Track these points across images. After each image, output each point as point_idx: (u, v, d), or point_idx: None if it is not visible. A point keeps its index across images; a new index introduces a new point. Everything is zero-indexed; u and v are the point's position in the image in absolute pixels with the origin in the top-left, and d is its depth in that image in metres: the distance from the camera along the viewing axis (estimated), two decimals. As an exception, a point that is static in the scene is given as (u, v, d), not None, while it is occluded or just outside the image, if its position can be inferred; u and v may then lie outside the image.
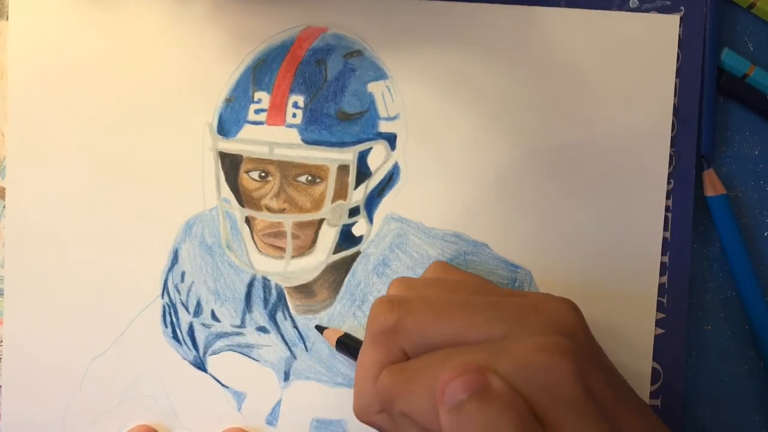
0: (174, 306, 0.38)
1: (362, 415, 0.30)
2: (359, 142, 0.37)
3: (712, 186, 0.38)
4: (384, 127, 0.37)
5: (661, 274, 0.38)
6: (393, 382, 0.27)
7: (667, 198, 0.38)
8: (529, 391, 0.25)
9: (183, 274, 0.38)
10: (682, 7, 0.37)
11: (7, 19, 0.37)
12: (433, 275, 0.34)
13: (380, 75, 0.37)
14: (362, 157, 0.37)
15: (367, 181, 0.38)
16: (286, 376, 0.38)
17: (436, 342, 0.28)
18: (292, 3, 0.37)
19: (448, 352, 0.27)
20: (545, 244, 0.37)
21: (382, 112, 0.37)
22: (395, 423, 0.28)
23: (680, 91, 0.38)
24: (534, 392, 0.25)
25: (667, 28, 0.37)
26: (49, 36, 0.37)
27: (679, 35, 0.37)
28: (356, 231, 0.38)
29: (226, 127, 0.37)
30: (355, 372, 0.30)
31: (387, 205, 0.38)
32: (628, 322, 0.38)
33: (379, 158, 0.38)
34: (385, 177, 0.38)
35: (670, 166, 0.38)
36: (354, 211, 0.38)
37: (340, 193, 0.38)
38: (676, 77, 0.38)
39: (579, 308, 0.29)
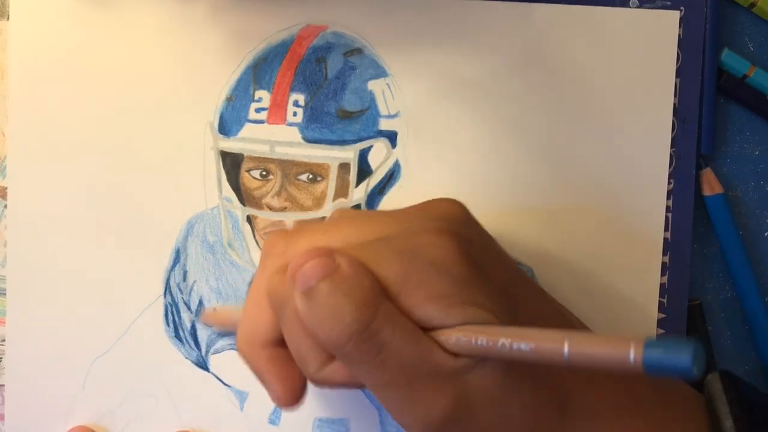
0: (176, 305, 0.38)
1: (245, 345, 0.29)
2: (360, 140, 0.37)
3: (710, 185, 0.38)
4: (384, 124, 0.38)
5: (661, 274, 0.38)
6: (281, 280, 0.26)
7: (667, 198, 0.38)
8: (410, 268, 0.25)
9: (185, 273, 0.38)
10: (682, 7, 0.37)
11: (8, 19, 0.37)
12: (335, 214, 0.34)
13: (380, 73, 0.38)
14: (363, 155, 0.38)
15: (368, 179, 0.38)
16: (289, 375, 0.38)
17: None
18: (291, 1, 0.37)
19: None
20: (546, 241, 0.37)
21: (382, 109, 0.37)
22: (286, 324, 0.27)
23: (680, 91, 0.38)
24: (420, 270, 0.25)
25: (667, 24, 0.37)
26: (49, 36, 0.37)
27: (679, 35, 0.37)
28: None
29: (226, 126, 0.37)
30: (245, 301, 0.29)
31: (388, 202, 0.38)
32: (630, 321, 0.37)
33: (379, 156, 0.38)
34: (386, 175, 0.38)
35: (670, 166, 0.38)
36: (355, 209, 0.38)
37: (341, 191, 0.38)
38: (676, 77, 0.38)
39: (465, 205, 0.30)
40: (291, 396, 0.28)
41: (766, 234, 0.39)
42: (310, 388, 0.38)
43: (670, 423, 0.29)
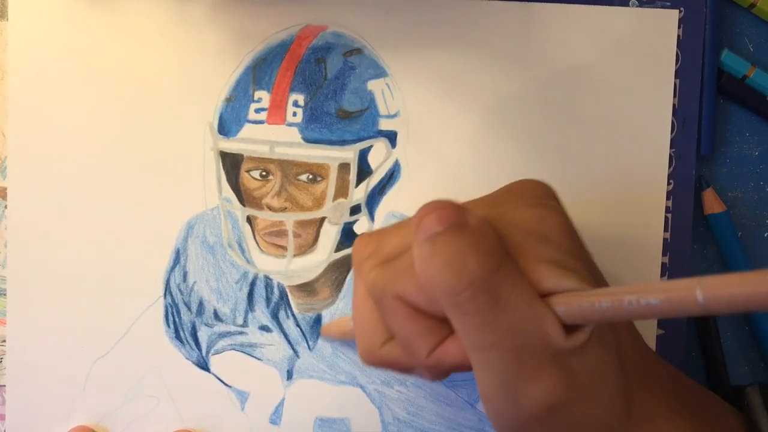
0: (176, 306, 0.38)
1: (368, 352, 0.28)
2: (360, 140, 0.37)
3: (711, 204, 0.38)
4: (384, 124, 0.38)
5: (661, 274, 0.38)
6: (381, 269, 0.26)
7: (667, 198, 0.38)
8: (532, 239, 0.25)
9: (185, 274, 0.38)
10: (681, 8, 0.37)
11: (8, 19, 0.37)
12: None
13: (380, 73, 0.38)
14: (363, 155, 0.37)
15: (368, 179, 0.38)
16: (289, 375, 0.38)
17: None
18: (291, 2, 0.37)
19: None
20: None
21: (382, 109, 0.37)
22: (390, 311, 0.26)
23: (680, 92, 0.38)
24: (538, 240, 0.25)
25: (666, 24, 0.37)
26: (49, 36, 0.37)
27: (679, 35, 0.37)
28: (358, 229, 0.38)
29: (226, 126, 0.37)
30: (352, 310, 0.29)
31: (388, 202, 0.38)
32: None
33: (379, 156, 0.38)
34: (386, 175, 0.38)
35: (670, 167, 0.38)
36: (355, 209, 0.38)
37: (341, 191, 0.38)
38: (676, 78, 0.38)
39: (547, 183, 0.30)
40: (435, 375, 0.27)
41: (765, 235, 0.39)
42: (311, 386, 0.38)
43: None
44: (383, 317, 0.27)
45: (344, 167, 0.37)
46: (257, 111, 0.37)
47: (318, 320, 0.38)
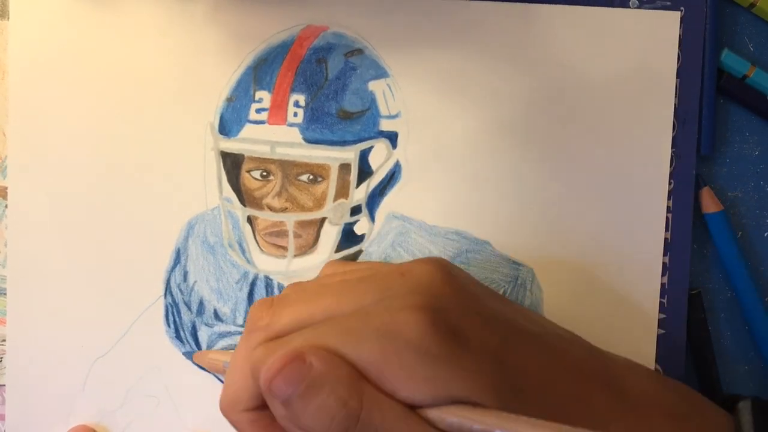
0: (177, 306, 0.38)
1: (228, 410, 0.29)
2: (360, 140, 0.37)
3: (708, 204, 0.38)
4: (385, 125, 0.38)
5: (662, 274, 0.38)
6: (265, 354, 0.27)
7: (667, 198, 0.38)
8: (393, 352, 0.25)
9: (185, 274, 0.38)
10: (682, 8, 0.37)
11: (8, 18, 0.37)
12: (326, 271, 0.34)
13: (381, 73, 0.37)
14: (364, 156, 0.37)
15: (368, 180, 0.38)
16: (289, 375, 0.38)
17: (309, 325, 0.28)
18: (292, 2, 0.37)
19: (315, 325, 0.27)
20: (547, 241, 0.37)
21: (383, 110, 0.37)
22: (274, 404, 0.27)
23: (680, 92, 0.38)
24: (399, 352, 0.25)
25: (667, 24, 0.37)
26: (50, 36, 0.37)
27: (679, 35, 0.37)
28: (358, 230, 0.38)
29: (227, 126, 0.37)
30: (230, 364, 0.30)
31: (389, 203, 0.38)
32: (630, 322, 0.38)
33: (380, 157, 0.38)
34: (386, 175, 0.38)
35: (670, 166, 0.38)
36: (356, 210, 0.38)
37: (342, 191, 0.38)
38: (676, 77, 0.38)
39: (448, 265, 0.29)
40: None
41: (765, 234, 0.39)
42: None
43: None
44: (258, 390, 0.28)
45: (345, 168, 0.37)
46: (258, 111, 0.37)
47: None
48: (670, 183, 0.38)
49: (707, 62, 0.38)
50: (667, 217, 0.38)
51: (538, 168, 0.38)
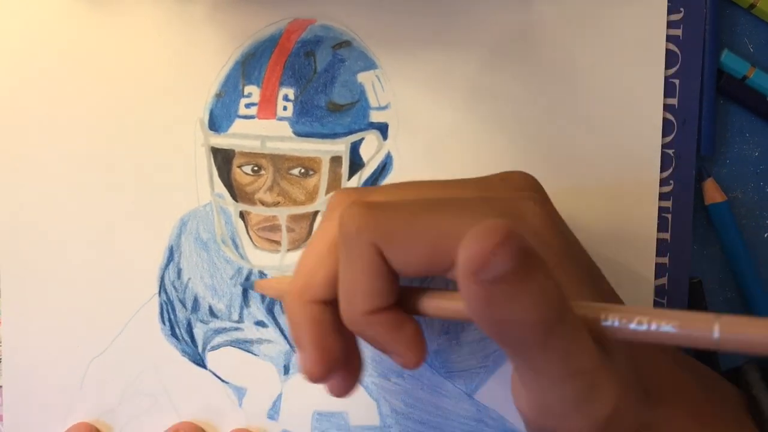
0: (171, 303, 0.38)
1: (294, 299, 0.26)
2: (351, 132, 0.37)
3: (712, 194, 0.38)
4: (375, 117, 0.37)
5: (662, 275, 0.38)
6: (367, 209, 0.24)
7: (667, 199, 0.38)
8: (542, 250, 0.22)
9: (179, 271, 0.38)
10: (681, 8, 0.37)
11: (-5, 21, 0.37)
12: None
13: (370, 65, 0.37)
14: (354, 148, 0.37)
15: (360, 172, 0.38)
16: (286, 370, 0.38)
17: (418, 236, 0.24)
18: (279, -4, 0.37)
19: (431, 200, 0.24)
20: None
21: (372, 102, 0.37)
22: (350, 257, 0.24)
23: (680, 92, 0.37)
24: (528, 237, 0.21)
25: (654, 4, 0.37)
26: (38, 32, 0.37)
27: (679, 36, 0.37)
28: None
29: (217, 122, 0.37)
30: (303, 251, 0.27)
31: (381, 195, 0.38)
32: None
33: (371, 148, 0.38)
34: (378, 167, 0.38)
35: (670, 167, 0.37)
36: (348, 202, 0.38)
37: (334, 184, 0.38)
38: (676, 77, 0.37)
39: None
40: (322, 367, 0.26)
41: (766, 235, 0.39)
42: (309, 386, 0.38)
43: (713, 409, 0.28)
44: (338, 257, 0.25)
45: (336, 160, 0.37)
46: (247, 106, 0.37)
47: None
48: (669, 183, 0.38)
49: (707, 63, 0.38)
50: (666, 218, 0.38)
51: (527, 158, 0.37)
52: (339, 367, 0.26)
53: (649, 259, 0.37)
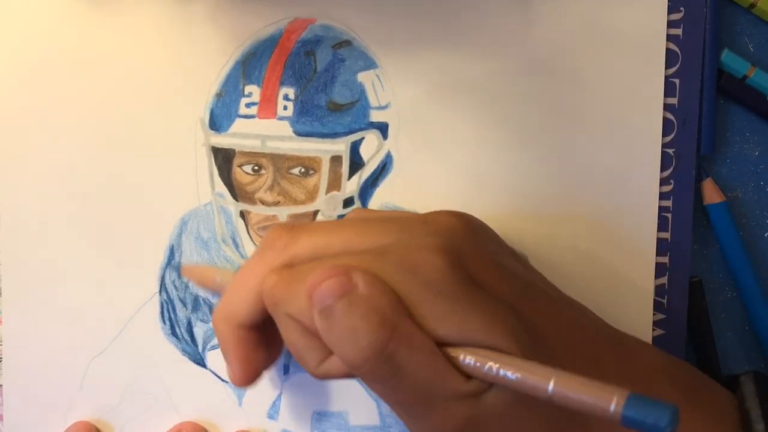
0: (172, 302, 0.38)
1: (222, 321, 0.30)
2: (351, 132, 0.37)
3: (711, 195, 0.38)
4: (375, 116, 0.37)
5: (662, 274, 0.38)
6: (279, 281, 0.27)
7: (667, 198, 0.38)
8: (409, 288, 0.26)
9: (180, 270, 0.38)
10: (681, 8, 0.37)
11: (-4, 20, 0.37)
12: (351, 215, 0.35)
13: (370, 64, 0.37)
14: (355, 148, 0.37)
15: (360, 171, 0.38)
16: (286, 369, 0.38)
17: (326, 256, 0.28)
18: (279, -4, 0.37)
19: (333, 257, 0.27)
20: (540, 228, 0.37)
21: (372, 101, 0.37)
22: (282, 324, 0.28)
23: (680, 92, 0.37)
24: (415, 288, 0.26)
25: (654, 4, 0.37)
26: (38, 32, 0.37)
27: (679, 35, 0.37)
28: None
29: (217, 121, 0.37)
30: (233, 281, 0.30)
31: (381, 194, 0.38)
32: (626, 306, 0.37)
33: (371, 148, 0.38)
34: (378, 166, 0.38)
35: (670, 167, 0.37)
36: (348, 202, 0.38)
37: (334, 184, 0.38)
38: (676, 77, 0.37)
39: (471, 218, 0.30)
40: (244, 378, 0.30)
41: (766, 235, 0.39)
42: (309, 380, 0.38)
43: (699, 423, 0.29)
44: (258, 308, 0.29)
45: (336, 160, 0.37)
46: (248, 105, 0.37)
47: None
48: (669, 183, 0.38)
49: (707, 62, 0.38)
50: (666, 218, 0.38)
51: (527, 158, 0.37)
52: (260, 373, 0.31)
53: (649, 258, 0.37)
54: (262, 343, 0.30)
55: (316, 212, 0.38)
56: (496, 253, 0.30)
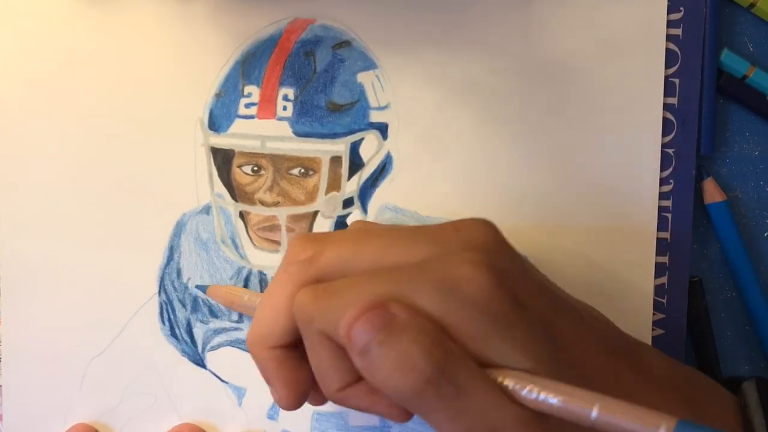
0: (171, 303, 0.38)
1: (257, 345, 0.28)
2: (351, 132, 0.37)
3: (712, 194, 0.38)
4: (375, 116, 0.37)
5: (662, 274, 0.38)
6: (313, 298, 0.26)
7: (667, 198, 0.37)
8: (450, 308, 0.24)
9: (179, 271, 0.38)
10: (681, 8, 0.37)
11: (-5, 21, 0.37)
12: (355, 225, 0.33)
13: (369, 65, 0.37)
14: (354, 148, 0.37)
15: (360, 172, 0.38)
16: (286, 370, 0.38)
17: (355, 270, 0.27)
18: (278, -4, 0.37)
19: (370, 273, 0.26)
20: (540, 229, 0.37)
21: (372, 102, 0.37)
22: (311, 341, 0.27)
23: (680, 91, 0.37)
24: (457, 308, 0.24)
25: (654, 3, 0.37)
26: (36, 32, 0.37)
27: (679, 35, 0.37)
28: (351, 222, 0.38)
29: (216, 122, 0.37)
30: (261, 301, 0.29)
31: (381, 195, 0.38)
32: (626, 306, 0.37)
33: (371, 148, 0.37)
34: (378, 167, 0.38)
35: (670, 167, 0.37)
36: (348, 202, 0.38)
37: (334, 184, 0.38)
38: (676, 77, 0.37)
39: (499, 230, 0.29)
40: (293, 400, 0.28)
41: (765, 235, 0.39)
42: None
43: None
44: (292, 327, 0.28)
45: (336, 160, 0.37)
46: (247, 106, 0.37)
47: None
48: (669, 182, 0.37)
49: (707, 62, 0.37)
50: (666, 217, 0.38)
51: (528, 156, 0.37)
52: (307, 392, 0.29)
53: (649, 258, 0.37)
54: (304, 361, 0.28)
55: (315, 213, 0.38)
56: (528, 266, 0.29)
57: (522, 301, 0.25)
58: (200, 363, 0.38)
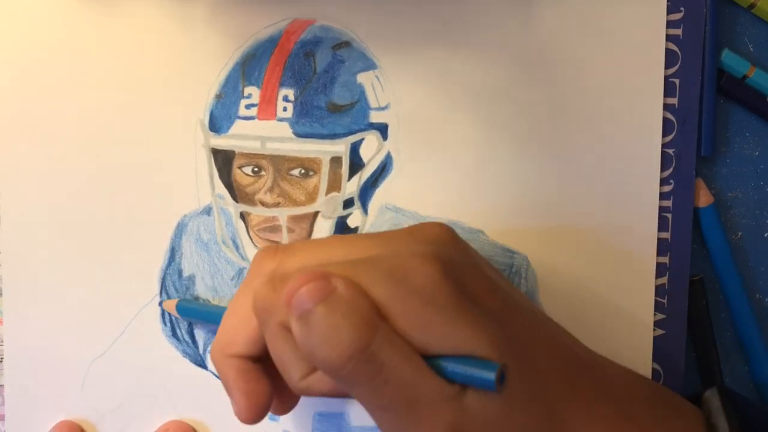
0: (172, 304, 0.38)
1: (219, 351, 0.29)
2: (351, 133, 0.37)
3: (697, 197, 0.38)
4: (375, 117, 0.37)
5: (662, 274, 0.38)
6: (270, 290, 0.27)
7: (667, 198, 0.38)
8: (397, 296, 0.25)
9: (180, 272, 0.38)
10: (681, 8, 0.37)
11: (-5, 22, 0.37)
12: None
13: (369, 65, 0.37)
14: (354, 149, 0.37)
15: (360, 172, 0.38)
16: (287, 370, 0.38)
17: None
18: (278, -3, 0.37)
19: (326, 263, 0.27)
20: (541, 229, 0.37)
21: (372, 102, 0.37)
22: (270, 335, 0.27)
23: (680, 92, 0.37)
24: (403, 296, 0.25)
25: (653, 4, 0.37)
26: (36, 33, 0.37)
27: (679, 35, 0.37)
28: (351, 222, 0.38)
29: (217, 123, 0.37)
30: (226, 311, 0.30)
31: (381, 195, 0.38)
32: (626, 313, 0.37)
33: (371, 149, 0.38)
34: (378, 167, 0.38)
35: (670, 167, 0.37)
36: (348, 203, 0.38)
37: (334, 185, 0.38)
38: (676, 77, 0.37)
39: (454, 230, 0.30)
40: (252, 413, 0.29)
41: (765, 235, 0.39)
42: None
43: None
44: (255, 336, 0.28)
45: (336, 161, 0.37)
46: (247, 107, 0.37)
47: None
48: (669, 183, 0.38)
49: (707, 62, 0.37)
50: (666, 217, 0.38)
51: (529, 156, 0.37)
52: (268, 407, 0.29)
53: (649, 258, 0.37)
54: (267, 376, 0.29)
55: (316, 213, 0.38)
56: (482, 264, 0.30)
57: (470, 294, 0.26)
58: (201, 364, 0.38)
